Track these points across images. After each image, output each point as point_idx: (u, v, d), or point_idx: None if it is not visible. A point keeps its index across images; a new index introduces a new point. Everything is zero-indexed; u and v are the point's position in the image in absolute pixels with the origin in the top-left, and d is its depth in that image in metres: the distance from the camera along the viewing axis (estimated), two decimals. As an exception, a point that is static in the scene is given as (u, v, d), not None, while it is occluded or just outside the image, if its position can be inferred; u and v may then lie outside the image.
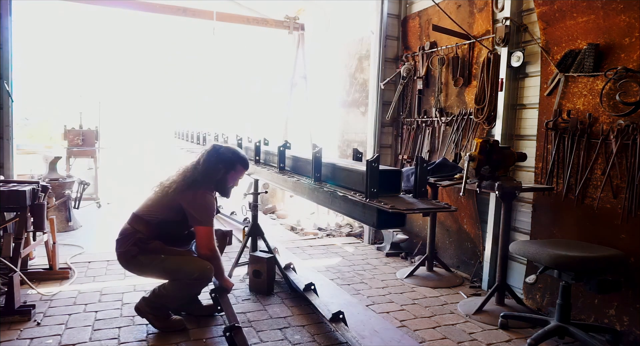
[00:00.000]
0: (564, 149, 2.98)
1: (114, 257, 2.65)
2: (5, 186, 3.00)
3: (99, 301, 3.04)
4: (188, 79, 10.57)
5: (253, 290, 3.28)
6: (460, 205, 3.84)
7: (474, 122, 3.76)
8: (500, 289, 3.09)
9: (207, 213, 2.60)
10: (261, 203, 5.33)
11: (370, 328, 2.76)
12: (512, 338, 2.69)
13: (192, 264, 2.56)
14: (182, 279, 2.52)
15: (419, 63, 4.45)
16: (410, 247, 4.48)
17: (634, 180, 2.57)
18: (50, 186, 3.32)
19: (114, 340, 2.50)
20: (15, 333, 2.52)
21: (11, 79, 4.14)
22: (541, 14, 3.11)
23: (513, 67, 3.36)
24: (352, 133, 5.86)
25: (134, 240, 2.54)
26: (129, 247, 2.54)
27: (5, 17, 4.09)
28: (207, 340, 2.52)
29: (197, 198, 2.57)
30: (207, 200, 2.62)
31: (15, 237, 2.84)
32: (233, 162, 2.72)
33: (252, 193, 3.71)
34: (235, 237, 4.48)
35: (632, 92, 2.58)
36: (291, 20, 6.77)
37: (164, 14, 6.14)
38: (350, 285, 3.58)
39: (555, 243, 2.59)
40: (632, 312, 2.58)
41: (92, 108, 7.29)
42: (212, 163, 2.65)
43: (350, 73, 5.94)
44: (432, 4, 3.90)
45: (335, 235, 5.35)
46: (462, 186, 2.76)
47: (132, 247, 2.53)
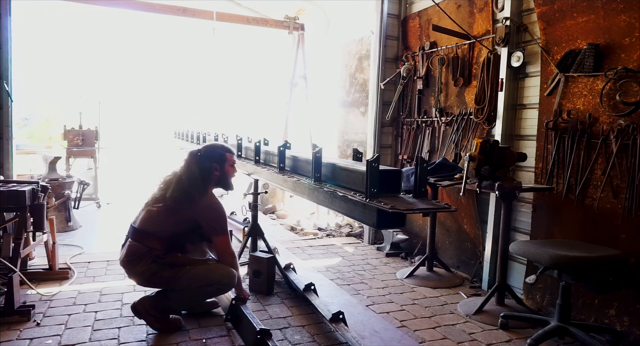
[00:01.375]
0: (564, 149, 2.98)
1: (114, 257, 2.66)
2: (5, 186, 3.00)
3: (99, 301, 3.04)
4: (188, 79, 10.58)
5: (253, 290, 3.28)
6: (460, 205, 3.84)
7: (474, 122, 3.75)
8: (500, 289, 3.09)
9: (223, 223, 2.65)
10: (261, 203, 5.33)
11: (370, 328, 2.76)
12: (512, 338, 2.69)
13: (220, 271, 2.62)
14: (212, 285, 2.58)
15: (419, 63, 4.45)
16: (410, 247, 4.48)
17: (634, 180, 2.57)
18: (50, 186, 3.32)
19: (113, 340, 2.49)
20: (15, 333, 2.51)
21: (11, 79, 4.13)
22: (541, 14, 3.11)
23: (513, 67, 3.36)
24: (352, 133, 5.86)
25: (151, 258, 2.51)
26: (148, 266, 2.51)
27: (5, 17, 4.09)
28: (207, 340, 2.51)
29: (211, 211, 2.60)
30: (220, 209, 2.66)
31: (15, 237, 2.84)
32: (221, 154, 2.74)
33: (252, 193, 3.71)
34: (235, 237, 4.47)
35: (632, 92, 2.58)
36: (291, 20, 6.77)
37: (164, 14, 6.13)
38: (350, 285, 3.57)
39: (555, 244, 2.58)
40: (632, 312, 2.57)
41: (92, 108, 7.29)
42: (206, 163, 2.65)
43: (350, 73, 5.94)
44: (432, 4, 3.90)
45: (335, 235, 5.35)
46: (462, 186, 2.76)
47: (151, 265, 2.51)
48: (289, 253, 4.42)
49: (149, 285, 2.63)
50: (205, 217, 2.59)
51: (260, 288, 3.25)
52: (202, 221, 2.59)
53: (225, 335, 2.58)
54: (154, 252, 2.52)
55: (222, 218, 2.66)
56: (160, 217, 2.57)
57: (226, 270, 2.64)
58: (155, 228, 2.56)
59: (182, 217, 2.57)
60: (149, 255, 2.51)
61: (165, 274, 2.52)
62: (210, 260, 2.76)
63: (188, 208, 2.56)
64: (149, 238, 2.55)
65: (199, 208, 2.58)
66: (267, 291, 3.23)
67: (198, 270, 2.57)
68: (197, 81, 10.30)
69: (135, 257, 2.53)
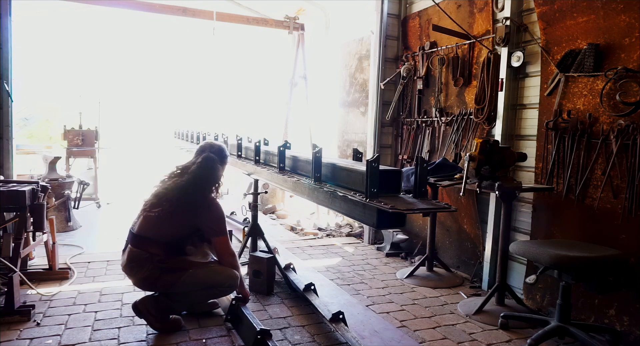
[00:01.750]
0: (564, 149, 2.98)
1: (114, 257, 2.66)
2: (5, 186, 3.00)
3: (99, 301, 3.04)
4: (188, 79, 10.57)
5: (253, 290, 3.27)
6: (460, 205, 3.84)
7: (474, 122, 3.75)
8: (500, 289, 3.09)
9: (222, 223, 2.67)
10: (261, 203, 5.33)
11: (370, 328, 2.76)
12: (512, 338, 2.69)
13: (222, 273, 2.65)
14: (215, 288, 2.62)
15: (419, 63, 4.45)
16: (410, 247, 4.48)
17: (634, 180, 2.57)
18: (49, 186, 3.32)
19: (113, 340, 2.49)
20: (15, 333, 2.51)
21: (11, 79, 4.13)
22: (541, 13, 3.11)
23: (513, 67, 3.36)
24: (352, 133, 5.86)
25: (153, 264, 2.51)
26: (151, 271, 2.50)
27: (5, 17, 4.09)
28: (207, 340, 2.51)
29: (210, 211, 2.61)
30: (219, 209, 2.68)
31: (15, 237, 2.84)
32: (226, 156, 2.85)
33: (252, 193, 3.71)
34: (235, 237, 4.48)
35: (632, 92, 2.58)
36: (291, 20, 6.77)
37: (164, 13, 6.14)
38: (350, 285, 3.57)
39: (555, 243, 2.58)
40: (632, 312, 2.57)
41: (92, 108, 7.29)
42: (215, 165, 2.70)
43: (350, 73, 5.94)
44: (432, 4, 3.90)
45: (335, 235, 5.35)
46: (462, 186, 2.76)
47: (153, 271, 2.50)
48: (289, 253, 4.42)
49: (152, 289, 2.63)
50: (203, 218, 2.59)
51: (260, 288, 3.25)
52: (200, 222, 2.59)
53: (225, 335, 2.58)
54: (156, 258, 2.51)
55: (221, 218, 2.67)
56: (159, 221, 2.56)
57: (228, 273, 2.66)
58: (155, 233, 2.55)
59: (181, 220, 2.57)
60: (150, 261, 2.51)
61: (168, 278, 2.51)
62: (212, 262, 2.76)
63: (187, 211, 2.56)
64: (149, 244, 2.54)
65: (198, 210, 2.58)
66: (267, 291, 3.23)
67: (200, 273, 2.57)
68: (197, 81, 10.30)
69: (136, 263, 2.53)
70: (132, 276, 2.58)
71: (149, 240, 2.55)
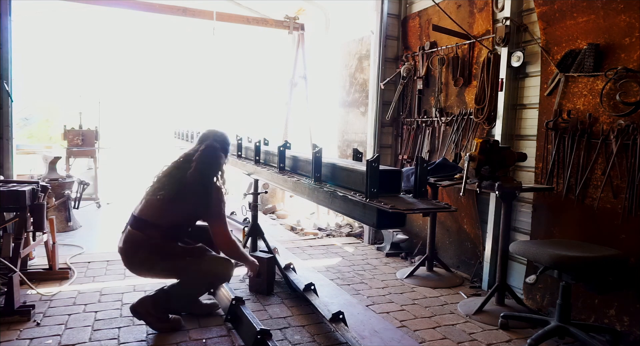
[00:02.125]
0: (564, 149, 2.98)
1: (114, 257, 2.66)
2: (5, 186, 3.00)
3: (99, 301, 3.04)
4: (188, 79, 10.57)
5: (253, 290, 3.28)
6: (460, 205, 3.84)
7: (474, 122, 3.75)
8: (500, 289, 3.09)
9: (221, 207, 2.67)
10: (261, 203, 5.33)
11: (370, 328, 2.76)
12: (512, 338, 2.69)
13: (216, 263, 2.65)
14: (207, 278, 2.61)
15: (419, 63, 4.45)
16: (410, 247, 4.48)
17: (634, 180, 2.57)
18: (50, 186, 3.32)
19: (113, 340, 2.49)
20: (15, 333, 2.51)
21: (11, 79, 4.13)
22: (541, 13, 3.11)
23: (513, 67, 3.36)
24: (352, 133, 5.86)
25: (150, 247, 2.51)
26: (148, 255, 2.51)
27: (5, 17, 4.09)
28: (207, 340, 2.51)
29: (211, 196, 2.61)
30: (221, 194, 2.69)
31: (15, 237, 2.84)
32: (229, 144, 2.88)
33: (252, 193, 3.71)
34: (235, 237, 4.47)
35: (632, 92, 2.58)
36: (291, 20, 6.76)
37: (164, 13, 6.13)
38: (350, 285, 3.57)
39: (555, 243, 2.58)
40: (632, 312, 2.57)
41: (92, 108, 7.29)
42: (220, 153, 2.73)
43: (350, 73, 5.94)
44: (432, 4, 3.90)
45: (335, 235, 5.35)
46: (462, 186, 2.76)
47: (150, 256, 2.50)
48: (289, 253, 4.42)
49: (149, 275, 2.63)
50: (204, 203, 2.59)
51: (260, 288, 3.25)
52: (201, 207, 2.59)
53: (225, 335, 2.58)
54: (152, 241, 2.51)
55: (221, 201, 2.67)
56: (160, 206, 2.57)
57: (221, 263, 2.66)
58: (156, 218, 2.56)
59: (183, 206, 2.57)
60: (146, 243, 2.51)
61: (163, 265, 2.52)
62: (209, 251, 2.75)
63: (189, 197, 2.56)
64: (147, 226, 2.55)
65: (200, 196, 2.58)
66: (267, 291, 3.23)
67: (195, 261, 2.57)
68: (197, 81, 10.30)
69: (132, 244, 2.54)
70: (128, 259, 2.56)
71: (149, 223, 2.55)
